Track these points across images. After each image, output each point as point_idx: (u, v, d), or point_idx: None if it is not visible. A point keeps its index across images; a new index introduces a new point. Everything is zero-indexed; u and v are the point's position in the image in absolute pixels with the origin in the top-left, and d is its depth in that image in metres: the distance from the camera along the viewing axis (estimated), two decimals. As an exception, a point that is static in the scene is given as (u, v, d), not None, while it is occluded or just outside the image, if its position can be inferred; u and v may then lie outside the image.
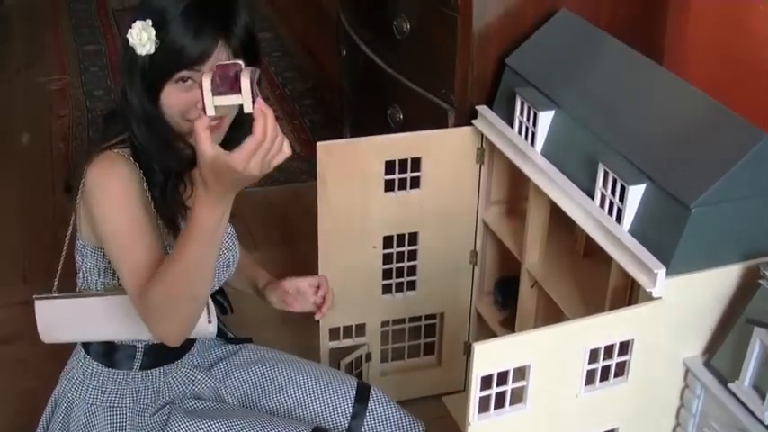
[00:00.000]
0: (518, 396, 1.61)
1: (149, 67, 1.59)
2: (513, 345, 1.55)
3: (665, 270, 1.62)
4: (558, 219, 2.05)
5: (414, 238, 2.32)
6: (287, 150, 1.43)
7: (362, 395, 1.95)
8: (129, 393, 1.81)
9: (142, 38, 1.55)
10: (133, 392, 1.82)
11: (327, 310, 1.98)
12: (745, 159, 1.60)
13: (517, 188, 2.33)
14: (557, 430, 1.68)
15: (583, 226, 1.81)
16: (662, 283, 1.63)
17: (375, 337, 2.41)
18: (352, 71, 2.83)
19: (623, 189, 1.72)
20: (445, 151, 2.23)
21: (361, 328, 2.40)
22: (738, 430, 1.62)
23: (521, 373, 1.59)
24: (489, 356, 1.53)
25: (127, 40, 1.57)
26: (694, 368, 1.72)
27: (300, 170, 3.73)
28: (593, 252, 2.13)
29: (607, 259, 1.89)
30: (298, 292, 2.00)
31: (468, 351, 2.50)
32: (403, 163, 2.21)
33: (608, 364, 1.66)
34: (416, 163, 2.22)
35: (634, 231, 1.72)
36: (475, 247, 2.37)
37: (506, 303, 2.39)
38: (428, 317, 2.47)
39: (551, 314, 2.18)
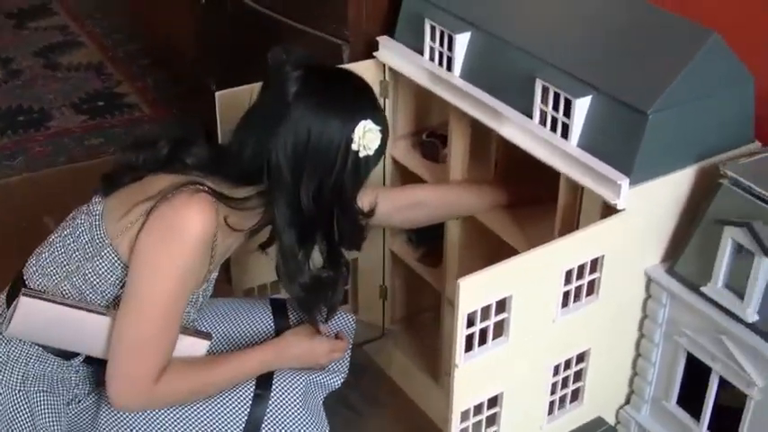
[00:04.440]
0: (498, 330, 1.54)
1: (369, 165, 1.63)
2: (495, 276, 1.47)
3: (627, 181, 1.57)
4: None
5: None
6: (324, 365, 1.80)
7: (279, 310, 1.90)
8: (61, 382, 1.65)
9: (375, 140, 1.60)
10: (65, 381, 1.66)
11: None
12: (696, 59, 1.56)
13: (422, 120, 2.24)
14: (536, 359, 1.62)
15: (523, 146, 1.74)
16: (626, 195, 1.58)
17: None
18: (218, 19, 2.64)
19: (568, 103, 1.65)
20: (348, 88, 2.10)
21: (275, 286, 2.26)
22: (716, 332, 1.60)
23: (500, 305, 1.52)
24: (474, 292, 1.45)
25: (342, 145, 1.57)
26: (657, 277, 1.69)
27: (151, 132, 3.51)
28: (506, 172, 2.08)
29: (527, 176, 1.91)
30: None
31: (384, 295, 2.41)
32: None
33: (580, 284, 1.61)
34: (319, 104, 2.09)
35: (583, 145, 1.66)
36: (384, 183, 2.27)
37: (420, 240, 2.31)
38: (340, 265, 2.36)
39: (478, 243, 2.12)
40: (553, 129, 1.70)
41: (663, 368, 1.76)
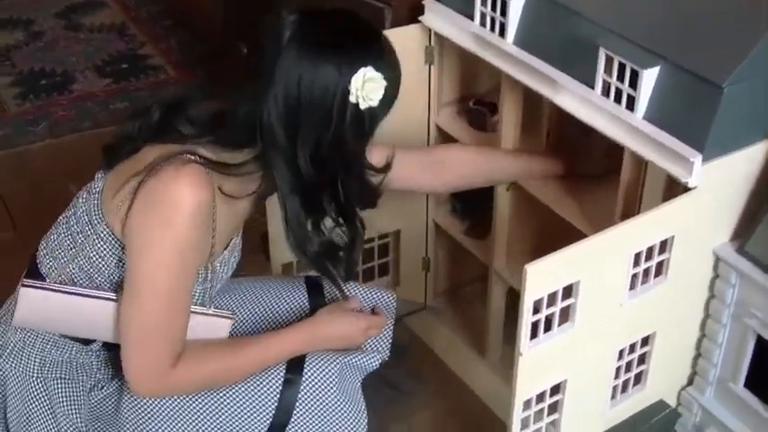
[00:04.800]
0: (564, 315, 1.47)
1: (374, 118, 1.47)
2: (563, 261, 1.38)
3: (700, 157, 1.49)
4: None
5: (365, 155, 2.11)
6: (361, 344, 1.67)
7: (314, 288, 1.78)
8: (81, 367, 1.57)
9: (378, 89, 1.41)
10: (85, 367, 1.58)
11: None
12: (772, 30, 1.47)
13: (469, 87, 2.15)
14: (601, 345, 1.55)
15: (585, 118, 1.64)
16: (698, 172, 1.49)
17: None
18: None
19: (635, 74, 1.55)
20: (392, 55, 2.01)
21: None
22: (792, 315, 1.53)
23: (566, 290, 1.44)
24: (542, 277, 1.37)
25: (340, 94, 1.40)
26: (727, 256, 1.61)
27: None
28: (562, 144, 1.99)
29: (581, 149, 1.83)
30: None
31: (426, 267, 2.34)
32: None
33: (648, 267, 1.54)
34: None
35: (650, 119, 1.57)
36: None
37: (466, 211, 2.23)
38: (381, 236, 2.28)
39: (528, 216, 2.04)
40: (617, 100, 1.60)
41: (730, 350, 1.68)
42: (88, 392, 1.57)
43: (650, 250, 1.51)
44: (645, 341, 1.64)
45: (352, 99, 1.39)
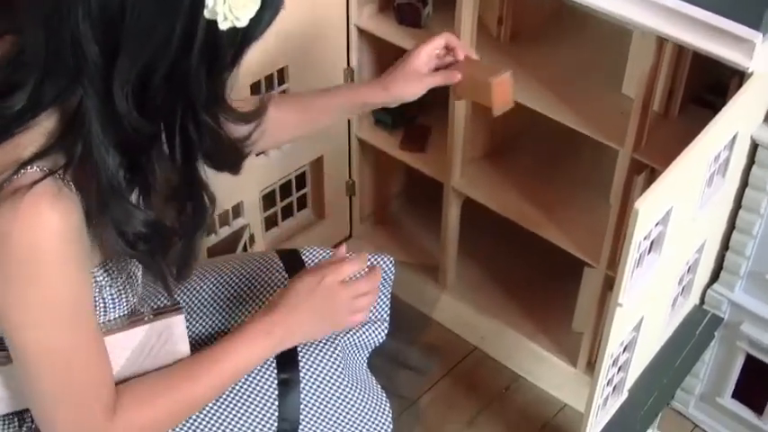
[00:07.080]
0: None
1: (240, 43, 0.98)
2: (665, 188, 1.15)
3: (761, 37, 1.27)
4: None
5: (282, 74, 1.76)
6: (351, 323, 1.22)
7: (291, 262, 1.38)
8: None
9: (249, 4, 0.93)
10: None
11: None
12: None
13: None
14: (672, 269, 1.35)
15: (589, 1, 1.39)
16: (759, 55, 1.28)
17: (254, 213, 1.87)
18: None
19: (661, -58, 1.31)
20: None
21: (237, 209, 1.84)
22: None
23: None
24: (649, 212, 1.13)
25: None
26: (768, 141, 1.43)
27: None
28: (521, 34, 1.74)
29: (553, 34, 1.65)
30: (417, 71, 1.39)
31: (351, 191, 2.04)
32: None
33: (712, 171, 1.34)
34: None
35: (677, -6, 1.33)
36: (348, 63, 1.86)
37: (396, 121, 1.94)
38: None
39: (482, 121, 1.78)
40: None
41: (766, 240, 1.53)
42: None
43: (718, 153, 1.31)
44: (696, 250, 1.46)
45: (208, 14, 0.93)
